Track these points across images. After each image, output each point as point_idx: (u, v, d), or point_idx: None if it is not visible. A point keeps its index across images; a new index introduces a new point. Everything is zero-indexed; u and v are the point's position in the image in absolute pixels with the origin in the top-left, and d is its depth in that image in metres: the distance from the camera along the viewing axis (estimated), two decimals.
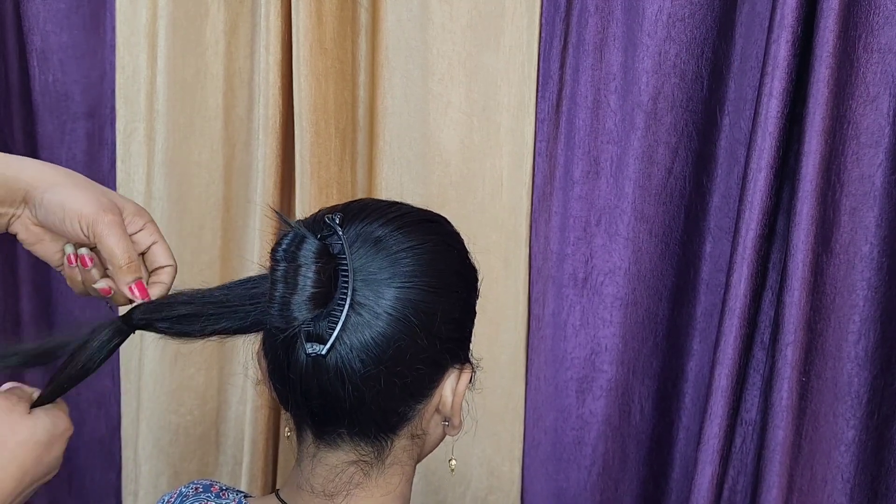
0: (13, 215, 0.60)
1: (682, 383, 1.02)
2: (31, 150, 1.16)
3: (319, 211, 0.60)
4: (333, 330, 0.54)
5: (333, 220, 0.57)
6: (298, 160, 1.00)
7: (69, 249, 0.60)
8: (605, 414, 1.03)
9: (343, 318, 0.54)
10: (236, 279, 0.59)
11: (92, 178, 1.18)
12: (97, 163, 1.16)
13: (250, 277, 0.58)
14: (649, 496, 1.06)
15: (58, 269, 0.63)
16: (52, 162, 1.16)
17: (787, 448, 0.86)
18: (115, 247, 0.57)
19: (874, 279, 0.88)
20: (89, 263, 0.60)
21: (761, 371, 0.95)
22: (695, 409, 1.01)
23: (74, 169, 1.15)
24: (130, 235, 0.61)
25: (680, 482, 1.03)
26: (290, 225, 0.58)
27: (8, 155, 0.59)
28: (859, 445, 0.91)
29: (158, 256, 0.62)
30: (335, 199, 1.03)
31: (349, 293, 0.54)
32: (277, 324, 0.55)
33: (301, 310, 0.54)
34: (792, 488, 0.89)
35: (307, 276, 0.54)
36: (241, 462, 1.10)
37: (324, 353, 0.54)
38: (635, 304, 1.01)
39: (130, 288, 0.59)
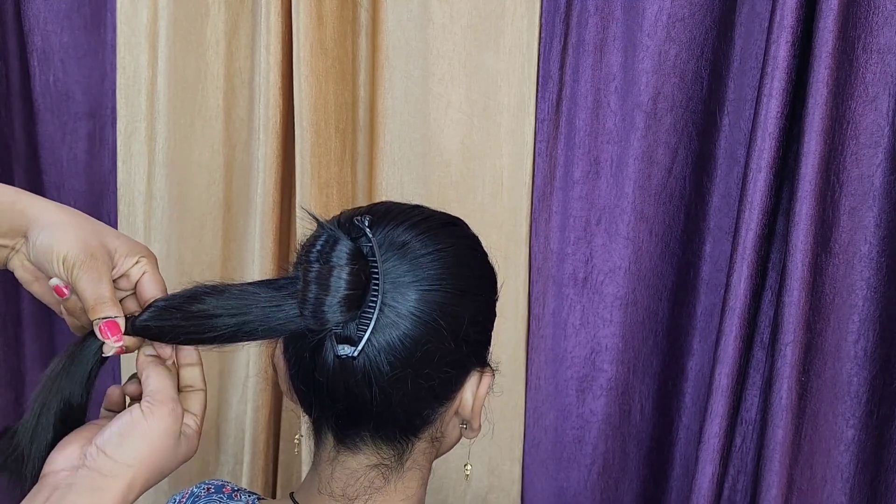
0: (12, 248, 0.60)
1: (682, 382, 1.02)
2: (32, 150, 1.16)
3: (342, 213, 0.60)
4: (363, 332, 0.54)
5: (363, 222, 0.56)
6: (299, 160, 1.00)
7: (54, 282, 0.58)
8: (606, 413, 1.04)
9: (374, 320, 0.54)
10: (252, 280, 0.59)
11: (92, 179, 1.20)
12: (98, 163, 1.16)
13: (274, 279, 0.58)
14: (649, 495, 1.06)
15: (58, 312, 0.62)
16: (53, 162, 1.17)
17: (787, 447, 0.87)
18: (84, 289, 0.56)
19: (873, 279, 0.88)
20: (66, 293, 0.58)
21: (761, 370, 0.95)
22: (695, 408, 1.01)
23: (75, 169, 1.17)
24: (123, 273, 0.59)
25: (680, 481, 1.04)
26: (322, 226, 0.58)
27: (20, 191, 0.60)
28: (859, 445, 0.91)
29: (143, 288, 0.60)
30: (335, 199, 1.03)
31: (380, 296, 0.54)
32: (311, 326, 0.54)
33: (334, 312, 0.54)
34: (792, 487, 0.89)
35: (341, 278, 0.54)
36: (241, 461, 1.10)
37: (355, 354, 0.54)
38: (635, 304, 1.01)
39: (100, 328, 0.56)
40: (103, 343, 0.56)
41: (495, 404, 1.04)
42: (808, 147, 0.83)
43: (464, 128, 1.03)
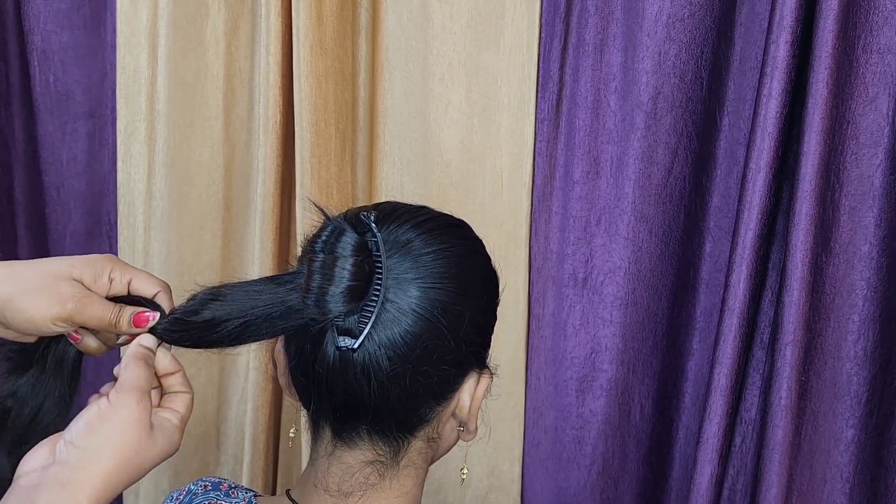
0: None
1: (681, 383, 1.02)
2: (33, 150, 1.16)
3: (348, 210, 0.61)
4: (364, 325, 0.54)
5: (369, 217, 0.57)
6: (298, 160, 1.00)
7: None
8: (605, 413, 1.04)
9: (376, 314, 0.54)
10: (246, 279, 0.59)
11: (92, 179, 1.20)
12: (98, 163, 1.17)
13: (278, 275, 0.58)
14: (649, 495, 1.06)
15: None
16: (53, 161, 1.17)
17: (787, 447, 0.87)
18: (98, 319, 0.58)
19: (873, 279, 0.88)
20: (77, 336, 0.61)
21: (761, 370, 0.95)
22: (694, 408, 1.01)
23: (75, 169, 1.17)
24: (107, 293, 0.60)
25: (679, 481, 1.04)
26: (329, 218, 0.59)
27: None
28: (858, 445, 0.91)
29: (141, 288, 0.61)
30: (335, 200, 1.03)
31: (382, 290, 0.55)
32: (313, 314, 0.55)
33: (337, 301, 0.54)
34: (791, 487, 0.89)
35: (345, 269, 0.55)
36: (241, 461, 1.10)
37: (355, 346, 0.54)
38: (635, 304, 1.01)
39: (134, 324, 0.60)
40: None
41: (495, 404, 1.04)
42: (808, 147, 0.83)
43: (464, 128, 1.03)
